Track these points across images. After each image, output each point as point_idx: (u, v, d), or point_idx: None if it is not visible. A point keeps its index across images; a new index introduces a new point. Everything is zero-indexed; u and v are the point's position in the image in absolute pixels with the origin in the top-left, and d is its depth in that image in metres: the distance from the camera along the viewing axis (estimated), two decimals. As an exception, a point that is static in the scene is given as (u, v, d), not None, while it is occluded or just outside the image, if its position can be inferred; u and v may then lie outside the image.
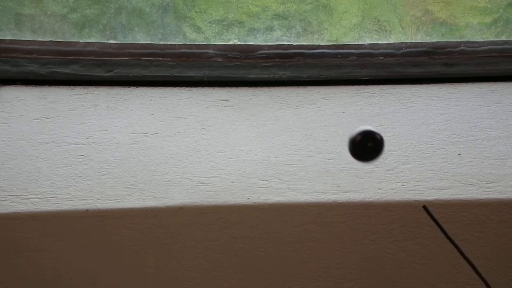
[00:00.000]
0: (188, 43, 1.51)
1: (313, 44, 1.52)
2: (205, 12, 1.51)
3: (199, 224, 1.23)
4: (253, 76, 1.50)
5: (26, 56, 1.47)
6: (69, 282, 1.25)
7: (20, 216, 1.21)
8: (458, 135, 1.38)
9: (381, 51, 1.52)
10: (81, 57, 1.48)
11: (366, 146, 0.99)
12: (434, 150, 1.34)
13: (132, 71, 1.49)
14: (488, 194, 1.25)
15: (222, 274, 1.26)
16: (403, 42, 1.53)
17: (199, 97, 1.46)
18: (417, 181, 1.27)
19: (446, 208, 1.24)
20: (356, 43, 1.52)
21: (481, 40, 1.53)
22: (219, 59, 1.50)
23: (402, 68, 1.52)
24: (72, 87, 1.47)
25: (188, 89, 1.48)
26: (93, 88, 1.47)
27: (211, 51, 1.50)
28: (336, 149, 1.33)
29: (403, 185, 1.27)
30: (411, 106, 1.45)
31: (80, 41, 1.50)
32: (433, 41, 1.53)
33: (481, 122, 1.41)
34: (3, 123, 1.37)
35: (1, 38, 1.48)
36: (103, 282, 1.26)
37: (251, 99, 1.47)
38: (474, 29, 1.54)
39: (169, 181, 1.26)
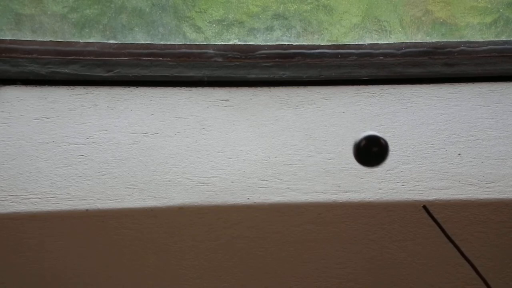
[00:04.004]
0: (188, 43, 1.51)
1: (313, 44, 1.52)
2: (205, 12, 1.51)
3: (199, 224, 1.23)
4: (253, 76, 1.50)
5: (26, 56, 1.47)
6: (69, 282, 1.25)
7: (20, 216, 1.21)
8: (458, 135, 1.38)
9: (381, 51, 1.52)
10: (81, 57, 1.48)
11: (371, 151, 0.99)
12: (434, 150, 1.34)
13: (132, 71, 1.49)
14: (488, 194, 1.25)
15: (222, 274, 1.26)
16: (403, 42, 1.53)
17: (199, 97, 1.46)
18: (417, 181, 1.27)
19: (446, 208, 1.24)
20: (356, 43, 1.52)
21: (481, 40, 1.53)
22: (219, 59, 1.50)
23: (402, 68, 1.52)
24: (72, 87, 1.47)
25: (188, 89, 1.48)
26: (93, 88, 1.47)
27: (211, 51, 1.50)
28: (336, 149, 1.33)
29: (403, 185, 1.27)
30: (411, 106, 1.45)
31: (80, 41, 1.50)
32: (433, 41, 1.53)
33: (481, 122, 1.41)
34: (3, 123, 1.37)
35: (1, 38, 1.48)
36: (103, 282, 1.26)
37: (251, 99, 1.47)
38: (474, 29, 1.54)
39: (169, 181, 1.26)
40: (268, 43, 1.51)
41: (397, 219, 1.25)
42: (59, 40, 1.50)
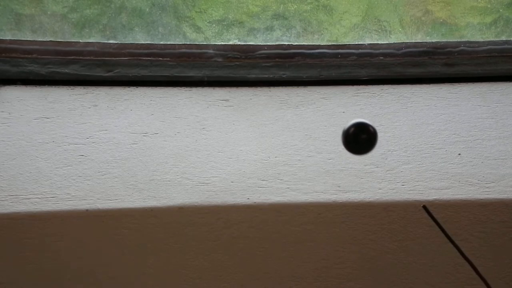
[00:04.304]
0: (188, 43, 1.51)
1: (313, 44, 1.52)
2: (205, 12, 1.51)
3: (199, 224, 1.23)
4: (253, 76, 1.50)
5: (26, 56, 1.47)
6: (69, 282, 1.25)
7: (20, 216, 1.21)
8: (458, 135, 1.38)
9: (381, 51, 1.52)
10: (81, 57, 1.48)
11: (359, 138, 0.99)
12: (434, 150, 1.34)
13: (132, 71, 1.49)
14: (488, 194, 1.25)
15: (222, 274, 1.26)
16: (403, 42, 1.53)
17: (199, 97, 1.46)
18: (417, 181, 1.27)
19: (446, 208, 1.24)
20: (356, 43, 1.52)
21: (481, 40, 1.53)
22: (219, 59, 1.50)
23: (402, 68, 1.52)
24: (72, 87, 1.47)
25: (188, 89, 1.48)
26: (93, 88, 1.47)
27: (211, 51, 1.50)
28: (336, 149, 1.33)
29: (403, 185, 1.27)
30: (411, 106, 1.45)
31: (80, 41, 1.50)
32: (433, 41, 1.53)
33: (481, 122, 1.41)
34: (3, 123, 1.37)
35: (1, 38, 1.48)
36: (103, 282, 1.26)
37: (251, 99, 1.47)
38: (474, 29, 1.54)
39: (169, 181, 1.26)
40: (268, 43, 1.51)
41: (397, 219, 1.25)
42: (59, 40, 1.49)
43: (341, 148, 1.00)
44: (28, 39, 1.49)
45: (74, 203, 1.22)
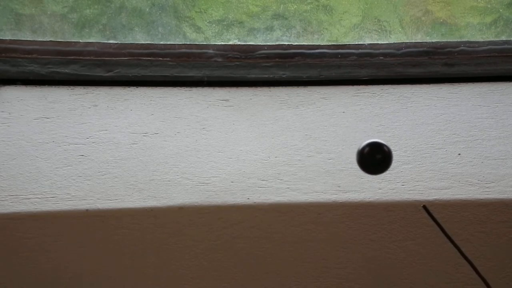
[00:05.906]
0: (188, 43, 1.51)
1: (313, 44, 1.52)
2: (205, 12, 1.51)
3: (199, 224, 1.23)
4: (253, 76, 1.50)
5: (26, 56, 1.47)
6: (69, 282, 1.25)
7: (20, 216, 1.21)
8: (458, 135, 1.38)
9: (381, 51, 1.52)
10: (81, 57, 1.48)
11: (374, 158, 0.99)
12: (434, 150, 1.34)
13: (132, 71, 1.49)
14: (488, 194, 1.25)
15: (222, 274, 1.26)
16: (403, 42, 1.53)
17: (199, 97, 1.46)
18: (417, 181, 1.27)
19: (446, 208, 1.24)
20: (356, 43, 1.52)
21: (481, 40, 1.53)
22: (219, 59, 1.50)
23: (402, 68, 1.52)
24: (72, 87, 1.47)
25: (188, 89, 1.48)
26: (93, 88, 1.47)
27: (211, 51, 1.50)
28: (336, 149, 1.33)
29: (403, 185, 1.27)
30: (411, 106, 1.45)
31: (80, 41, 1.50)
32: (433, 41, 1.53)
33: (481, 122, 1.41)
34: (3, 123, 1.37)
35: (1, 38, 1.48)
36: (103, 282, 1.26)
37: (251, 99, 1.47)
38: (474, 29, 1.54)
39: (169, 181, 1.26)
40: (268, 43, 1.51)
41: (397, 219, 1.25)
42: (59, 40, 1.50)
43: (341, 148, 1.00)
44: (28, 39, 1.49)
45: (74, 203, 1.22)
